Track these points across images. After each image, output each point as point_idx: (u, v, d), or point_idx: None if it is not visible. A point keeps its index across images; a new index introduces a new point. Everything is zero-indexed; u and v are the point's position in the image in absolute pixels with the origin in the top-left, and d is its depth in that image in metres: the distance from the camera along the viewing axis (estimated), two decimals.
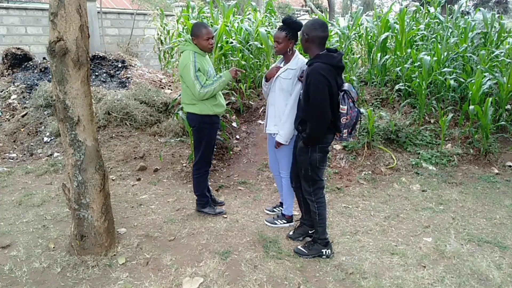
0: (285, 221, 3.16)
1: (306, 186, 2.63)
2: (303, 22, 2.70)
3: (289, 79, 2.77)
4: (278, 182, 3.23)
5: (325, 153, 2.55)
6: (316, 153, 2.51)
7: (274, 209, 3.37)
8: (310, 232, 2.89)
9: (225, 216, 3.28)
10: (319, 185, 2.62)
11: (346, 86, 2.41)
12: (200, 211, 3.31)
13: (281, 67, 2.84)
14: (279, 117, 2.83)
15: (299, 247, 2.76)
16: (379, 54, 5.45)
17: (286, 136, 2.79)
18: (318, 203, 2.63)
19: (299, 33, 2.70)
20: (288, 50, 2.79)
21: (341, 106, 2.39)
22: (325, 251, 2.68)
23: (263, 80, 2.96)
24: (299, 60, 2.81)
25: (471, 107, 4.38)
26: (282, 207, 3.24)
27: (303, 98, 2.48)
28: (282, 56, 2.92)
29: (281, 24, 2.78)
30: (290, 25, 2.73)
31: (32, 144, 4.97)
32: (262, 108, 5.46)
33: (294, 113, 2.72)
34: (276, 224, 3.16)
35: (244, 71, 3.11)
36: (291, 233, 3.00)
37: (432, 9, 5.98)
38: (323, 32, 2.42)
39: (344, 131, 2.46)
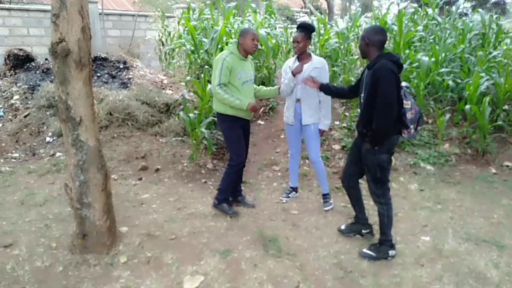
0: (330, 197, 3.58)
1: (375, 188, 2.66)
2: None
3: (317, 76, 3.17)
4: (295, 166, 3.68)
5: (391, 154, 2.62)
6: (384, 153, 2.56)
7: (289, 196, 3.69)
8: (363, 231, 2.93)
9: (231, 216, 3.26)
10: (387, 186, 2.66)
11: (403, 83, 2.58)
12: (216, 207, 3.33)
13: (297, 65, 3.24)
14: (315, 109, 3.31)
15: (365, 250, 2.71)
16: None
17: (329, 124, 3.41)
18: (388, 205, 2.67)
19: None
20: (307, 48, 3.27)
21: (404, 101, 2.51)
22: (391, 253, 2.69)
23: (291, 76, 3.23)
24: (320, 59, 3.33)
25: (467, 106, 4.40)
26: (296, 192, 3.73)
27: (368, 97, 2.54)
28: (295, 57, 3.36)
29: (298, 27, 3.28)
30: (306, 28, 3.23)
31: (34, 144, 5.00)
32: (262, 108, 5.49)
33: (330, 104, 3.33)
34: (332, 203, 3.52)
35: (261, 108, 3.28)
36: (342, 227, 3.06)
37: (430, 11, 6.01)
38: (383, 36, 2.57)
39: (411, 126, 2.55)
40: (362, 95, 2.64)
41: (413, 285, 2.42)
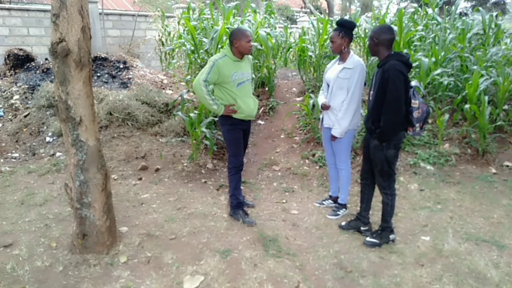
0: (344, 209, 3.37)
1: (381, 181, 2.80)
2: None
3: (347, 78, 2.99)
4: (332, 173, 3.46)
5: (398, 149, 2.75)
6: (391, 149, 2.69)
7: (323, 202, 3.55)
8: (362, 228, 3.04)
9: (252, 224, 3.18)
10: (393, 178, 2.82)
11: (414, 82, 2.66)
12: (231, 216, 3.25)
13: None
14: (335, 113, 3.09)
15: (368, 239, 2.89)
16: None
17: (342, 131, 3.07)
18: (393, 195, 2.83)
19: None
20: (343, 48, 3.01)
21: (412, 101, 2.62)
22: (391, 237, 2.90)
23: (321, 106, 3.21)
24: (355, 60, 3.01)
25: (467, 106, 4.40)
26: (331, 200, 3.50)
27: (377, 96, 2.64)
28: (338, 56, 3.13)
29: (336, 25, 3.07)
30: (343, 25, 3.01)
31: (34, 144, 5.01)
32: (262, 108, 5.49)
33: (352, 110, 3.02)
34: (338, 214, 3.33)
35: (235, 111, 3.12)
36: (343, 223, 3.16)
37: (430, 11, 6.01)
38: (391, 34, 2.63)
39: (417, 125, 2.66)
40: (371, 92, 2.74)
41: (413, 285, 2.42)
